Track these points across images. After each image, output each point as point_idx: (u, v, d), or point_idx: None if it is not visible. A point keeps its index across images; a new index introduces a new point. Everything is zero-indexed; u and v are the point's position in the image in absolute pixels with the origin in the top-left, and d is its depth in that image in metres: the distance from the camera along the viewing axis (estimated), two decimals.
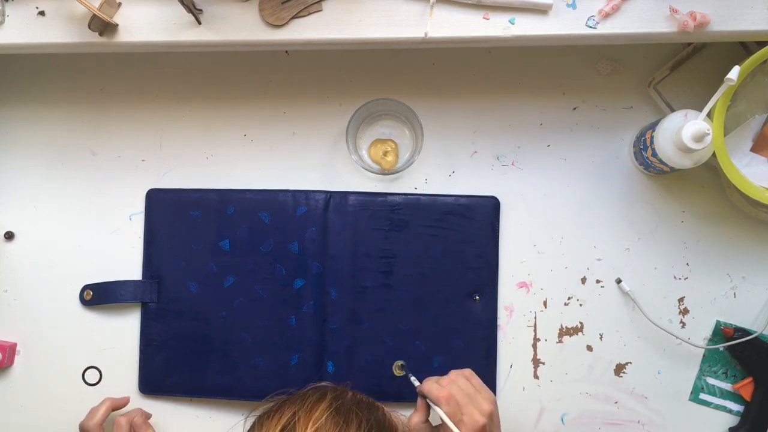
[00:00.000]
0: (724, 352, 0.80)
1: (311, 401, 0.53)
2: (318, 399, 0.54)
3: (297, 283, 0.82)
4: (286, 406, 0.53)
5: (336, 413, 0.52)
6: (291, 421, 0.51)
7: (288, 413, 0.52)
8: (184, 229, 0.83)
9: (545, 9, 0.70)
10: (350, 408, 0.53)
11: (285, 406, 0.54)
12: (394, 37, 0.71)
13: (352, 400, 0.55)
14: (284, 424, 0.51)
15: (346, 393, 0.56)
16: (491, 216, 0.81)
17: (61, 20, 0.73)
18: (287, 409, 0.53)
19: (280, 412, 0.53)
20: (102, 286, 0.84)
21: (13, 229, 0.86)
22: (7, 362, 0.84)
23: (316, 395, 0.54)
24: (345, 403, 0.54)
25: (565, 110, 0.83)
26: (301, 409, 0.53)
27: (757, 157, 0.74)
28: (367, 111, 0.80)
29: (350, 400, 0.55)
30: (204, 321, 0.82)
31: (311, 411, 0.52)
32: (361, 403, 0.55)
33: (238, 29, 0.72)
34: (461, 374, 0.71)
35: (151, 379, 0.83)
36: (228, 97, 0.85)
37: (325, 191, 0.82)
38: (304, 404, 0.53)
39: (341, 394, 0.55)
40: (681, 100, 0.79)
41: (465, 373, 0.71)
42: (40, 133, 0.86)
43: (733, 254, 0.81)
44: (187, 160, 0.85)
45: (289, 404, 0.54)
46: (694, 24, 0.68)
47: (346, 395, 0.56)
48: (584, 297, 0.82)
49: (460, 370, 0.72)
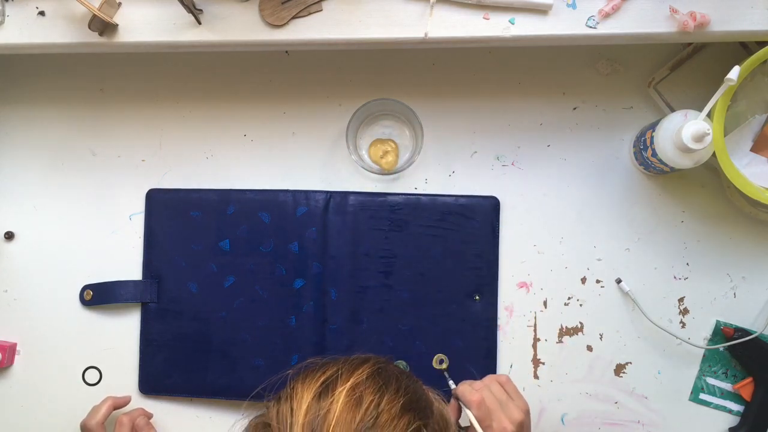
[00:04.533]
0: (724, 352, 0.80)
1: (355, 362, 0.55)
2: (362, 361, 0.55)
3: (297, 283, 0.82)
4: (331, 364, 0.55)
5: (377, 374, 0.54)
6: (333, 375, 0.53)
7: (332, 369, 0.54)
8: (184, 229, 0.83)
9: (545, 9, 0.70)
10: (391, 373, 0.55)
11: (329, 364, 0.55)
12: (394, 37, 0.71)
13: (393, 368, 0.57)
14: (327, 377, 0.53)
15: (389, 362, 0.58)
16: (491, 216, 0.81)
17: (61, 20, 0.73)
18: (332, 366, 0.55)
19: (324, 367, 0.55)
20: (102, 286, 0.84)
21: (13, 229, 0.86)
22: (7, 362, 0.84)
23: (360, 358, 0.56)
24: (387, 368, 0.56)
25: (565, 110, 0.83)
26: (344, 367, 0.54)
27: (757, 157, 0.74)
28: (367, 111, 0.80)
29: (392, 368, 0.57)
30: (204, 321, 0.82)
31: (354, 369, 0.54)
32: (402, 373, 0.57)
33: (238, 29, 0.72)
34: (496, 379, 0.70)
35: (151, 379, 0.83)
36: (228, 97, 0.85)
37: (325, 191, 0.82)
38: (348, 364, 0.55)
39: (384, 362, 0.57)
40: (681, 100, 0.79)
41: (501, 378, 0.71)
42: (40, 133, 0.86)
43: (733, 254, 0.81)
44: (187, 160, 0.85)
45: (333, 363, 0.55)
46: (694, 24, 0.68)
47: (389, 364, 0.58)
48: (584, 297, 0.82)
49: (497, 375, 0.72)
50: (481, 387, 0.69)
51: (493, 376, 0.71)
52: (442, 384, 0.75)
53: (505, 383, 0.70)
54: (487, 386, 0.69)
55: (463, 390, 0.69)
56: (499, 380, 0.70)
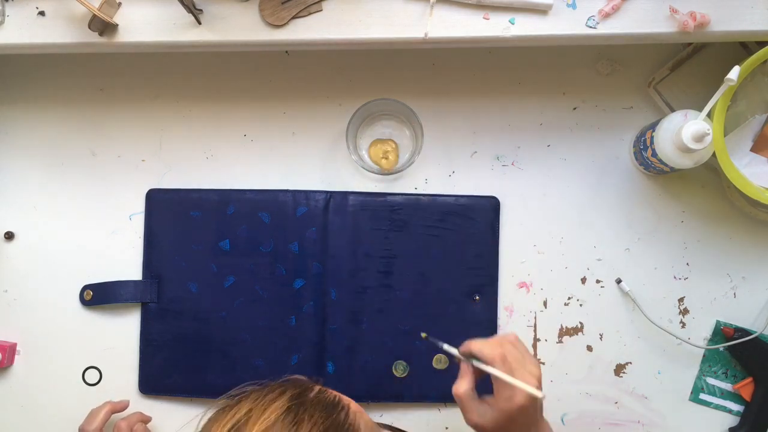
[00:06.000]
0: (724, 352, 0.80)
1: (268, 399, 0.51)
2: (276, 397, 0.51)
3: (297, 283, 0.82)
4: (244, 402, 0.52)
5: (288, 413, 0.50)
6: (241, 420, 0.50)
7: (244, 409, 0.51)
8: (184, 229, 0.83)
9: (545, 9, 0.70)
10: (306, 408, 0.51)
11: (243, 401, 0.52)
12: (394, 37, 0.71)
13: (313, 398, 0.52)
14: (235, 422, 0.50)
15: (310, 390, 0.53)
16: (491, 216, 0.81)
17: (61, 20, 0.73)
18: (244, 405, 0.51)
19: (237, 407, 0.51)
20: (102, 286, 0.84)
21: (13, 229, 0.86)
22: (7, 362, 0.84)
23: (276, 392, 0.52)
24: (304, 402, 0.51)
25: (565, 110, 0.83)
26: (255, 406, 0.51)
27: (757, 157, 0.74)
28: (367, 111, 0.80)
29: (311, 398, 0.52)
30: (204, 321, 0.82)
31: (265, 409, 0.50)
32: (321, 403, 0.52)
33: (238, 29, 0.72)
34: (507, 339, 0.64)
35: (150, 379, 0.83)
36: (228, 97, 0.85)
37: (325, 191, 0.82)
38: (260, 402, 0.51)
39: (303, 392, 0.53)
40: (681, 100, 0.79)
41: (510, 337, 0.64)
42: (40, 133, 0.86)
43: (733, 254, 0.81)
44: (187, 160, 0.85)
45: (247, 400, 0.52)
46: (694, 24, 0.68)
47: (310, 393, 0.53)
48: (584, 297, 0.82)
49: (505, 334, 0.65)
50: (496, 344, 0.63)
51: (502, 335, 0.65)
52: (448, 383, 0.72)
53: (515, 342, 0.64)
54: (501, 344, 0.63)
55: (481, 347, 0.63)
56: (509, 339, 0.64)
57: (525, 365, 0.61)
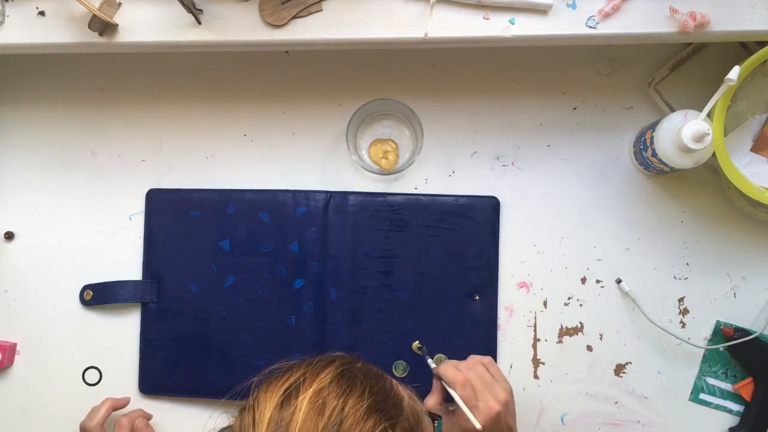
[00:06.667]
0: (724, 352, 0.80)
1: (320, 365, 0.54)
2: (327, 363, 0.54)
3: (297, 283, 0.82)
4: (295, 368, 0.54)
5: (341, 377, 0.53)
6: (296, 382, 0.52)
7: (296, 374, 0.53)
8: (184, 229, 0.83)
9: (545, 9, 0.70)
10: (357, 374, 0.54)
11: (294, 368, 0.54)
12: (394, 37, 0.71)
13: (360, 368, 0.56)
14: (290, 384, 0.52)
15: (355, 362, 0.57)
16: (491, 216, 0.81)
17: (61, 20, 0.73)
18: (296, 371, 0.54)
19: (289, 373, 0.54)
20: (102, 286, 0.84)
21: (13, 229, 0.86)
22: (7, 362, 0.84)
23: (325, 360, 0.55)
24: (352, 369, 0.55)
25: (565, 110, 0.83)
26: (308, 371, 0.53)
27: (757, 157, 0.74)
28: (367, 111, 0.80)
29: (358, 368, 0.56)
30: (204, 321, 0.82)
31: (318, 373, 0.53)
32: (368, 372, 0.55)
33: (238, 29, 0.72)
34: (480, 361, 0.70)
35: (151, 379, 0.83)
36: (228, 97, 0.85)
37: (325, 191, 0.82)
38: (313, 367, 0.54)
39: (350, 362, 0.56)
40: (681, 100, 0.79)
41: (484, 360, 0.71)
42: (40, 133, 0.86)
43: (733, 254, 0.81)
44: (187, 160, 0.85)
45: (298, 367, 0.54)
46: (694, 24, 0.68)
47: (356, 363, 0.57)
48: (584, 297, 0.82)
49: (480, 357, 0.71)
50: (465, 368, 0.68)
51: (477, 357, 0.71)
52: None
53: (489, 365, 0.70)
54: (472, 367, 0.69)
55: (446, 370, 0.68)
56: (483, 362, 0.70)
57: (491, 389, 0.66)
